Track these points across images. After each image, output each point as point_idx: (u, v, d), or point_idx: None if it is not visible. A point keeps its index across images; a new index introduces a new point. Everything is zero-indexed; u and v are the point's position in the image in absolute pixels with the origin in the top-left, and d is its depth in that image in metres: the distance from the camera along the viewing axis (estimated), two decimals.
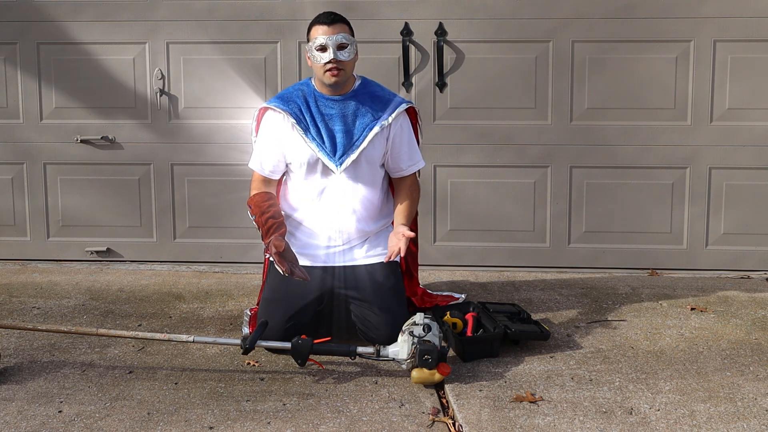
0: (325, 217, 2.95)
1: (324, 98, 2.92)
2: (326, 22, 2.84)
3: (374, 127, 2.90)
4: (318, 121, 2.90)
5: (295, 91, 2.96)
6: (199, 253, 4.17)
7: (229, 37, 4.01)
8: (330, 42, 2.80)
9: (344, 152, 2.89)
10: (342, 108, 2.91)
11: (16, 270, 4.05)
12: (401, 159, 3.01)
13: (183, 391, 2.56)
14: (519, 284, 3.78)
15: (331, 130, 2.90)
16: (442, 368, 2.53)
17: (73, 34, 4.05)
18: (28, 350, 2.90)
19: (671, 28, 3.89)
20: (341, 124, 2.90)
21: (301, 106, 2.91)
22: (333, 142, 2.89)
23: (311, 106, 2.91)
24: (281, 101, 2.93)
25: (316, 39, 2.83)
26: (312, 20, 2.90)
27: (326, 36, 2.81)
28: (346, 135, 2.90)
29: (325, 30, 2.83)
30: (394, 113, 2.94)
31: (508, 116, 3.98)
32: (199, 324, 3.21)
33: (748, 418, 2.35)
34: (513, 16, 3.92)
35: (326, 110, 2.91)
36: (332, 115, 2.91)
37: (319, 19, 2.87)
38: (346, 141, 2.89)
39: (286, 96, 2.95)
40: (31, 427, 2.31)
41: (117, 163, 4.12)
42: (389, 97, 2.98)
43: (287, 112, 2.89)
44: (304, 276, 2.74)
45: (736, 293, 3.60)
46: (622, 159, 3.98)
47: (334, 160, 2.89)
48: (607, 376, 2.65)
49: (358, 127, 2.91)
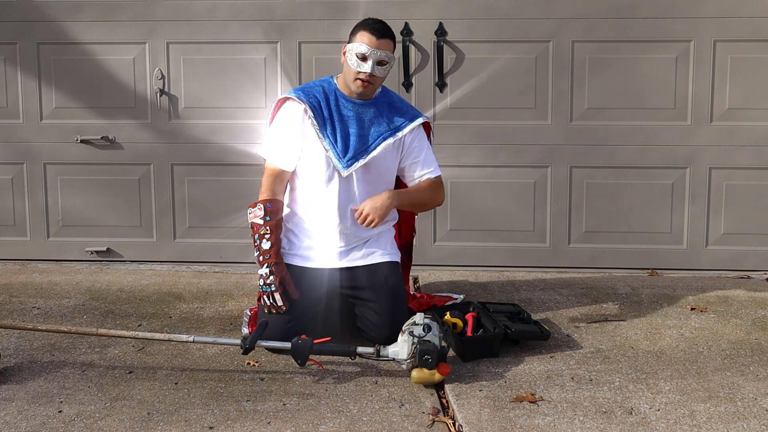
0: (328, 218, 2.95)
1: (345, 99, 2.91)
2: (376, 35, 2.80)
3: (388, 138, 2.92)
4: (335, 120, 2.89)
5: (317, 87, 2.95)
6: (199, 253, 4.17)
7: (229, 37, 4.01)
8: (373, 56, 2.79)
9: (355, 156, 2.88)
10: (360, 112, 2.91)
11: (16, 270, 4.05)
12: (417, 168, 3.01)
13: (183, 391, 2.56)
14: (519, 284, 3.78)
15: (345, 132, 2.89)
16: (442, 368, 2.53)
17: (73, 34, 4.05)
18: (28, 350, 2.90)
19: (671, 28, 3.89)
20: (356, 128, 2.89)
21: (321, 101, 2.90)
22: (345, 143, 2.88)
23: (330, 103, 2.90)
24: (302, 93, 2.91)
25: (360, 45, 2.80)
26: (362, 22, 2.87)
27: (371, 48, 2.79)
28: (360, 139, 2.90)
29: (372, 42, 2.80)
30: (409, 127, 2.95)
31: (508, 116, 3.98)
32: (199, 324, 3.21)
33: (748, 418, 2.35)
34: (513, 16, 3.92)
35: (344, 111, 2.90)
36: (349, 117, 2.90)
37: (370, 27, 2.83)
38: (359, 145, 2.89)
39: (308, 89, 2.94)
40: (31, 427, 2.31)
41: (117, 163, 4.12)
42: (406, 109, 3.00)
43: (307, 105, 2.88)
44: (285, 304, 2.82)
45: (736, 293, 3.60)
46: (622, 159, 3.98)
47: (342, 161, 2.88)
48: (607, 376, 2.65)
49: (372, 133, 2.91)
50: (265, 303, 2.84)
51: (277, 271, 2.82)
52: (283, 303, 2.81)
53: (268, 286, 2.81)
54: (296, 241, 2.99)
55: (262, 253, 2.83)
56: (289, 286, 2.85)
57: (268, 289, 2.81)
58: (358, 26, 2.86)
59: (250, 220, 2.88)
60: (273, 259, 2.82)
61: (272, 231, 2.84)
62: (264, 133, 3.06)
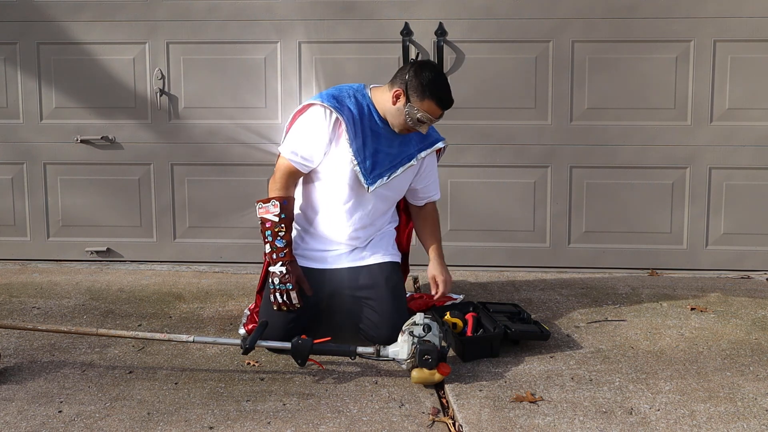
0: (340, 225, 2.95)
1: (378, 116, 2.87)
2: (442, 107, 2.78)
3: (412, 159, 2.94)
4: (367, 135, 2.85)
5: (349, 97, 2.87)
6: (199, 253, 4.17)
7: (229, 37, 4.01)
8: (431, 123, 2.81)
9: (380, 174, 2.88)
10: (391, 131, 2.88)
11: (16, 270, 4.05)
12: (429, 189, 3.11)
13: (183, 391, 2.56)
14: (519, 284, 3.78)
15: (375, 148, 2.87)
16: (442, 368, 2.53)
17: (73, 34, 4.05)
18: (28, 350, 2.90)
19: (671, 28, 3.89)
20: (386, 146, 2.88)
21: (354, 114, 2.83)
22: (373, 159, 2.86)
23: (365, 117, 2.85)
24: (336, 101, 2.83)
25: (424, 113, 2.75)
26: (431, 87, 2.75)
27: (433, 117, 2.79)
28: (388, 157, 2.89)
29: (436, 113, 2.78)
30: (430, 149, 2.98)
31: (508, 116, 3.98)
32: (199, 324, 3.21)
33: (748, 418, 2.35)
34: (513, 16, 3.92)
35: (375, 127, 2.87)
36: (379, 134, 2.87)
37: (438, 98, 2.76)
38: (386, 162, 2.89)
39: (340, 97, 2.85)
40: (31, 427, 2.31)
41: (117, 163, 4.12)
42: (431, 131, 3.00)
43: (341, 115, 2.81)
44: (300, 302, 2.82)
45: (736, 293, 3.60)
46: (622, 159, 3.98)
47: (368, 178, 2.87)
48: (607, 376, 2.65)
49: (399, 153, 2.91)
50: (276, 300, 2.82)
51: (293, 269, 2.82)
52: (299, 301, 2.81)
53: (284, 284, 2.80)
54: (300, 242, 2.99)
55: (276, 251, 2.81)
56: (304, 284, 2.85)
57: (283, 287, 2.80)
58: (428, 92, 2.74)
59: (261, 215, 2.83)
60: (288, 257, 2.82)
61: (287, 229, 2.83)
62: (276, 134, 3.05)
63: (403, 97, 2.77)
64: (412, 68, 2.78)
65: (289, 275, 2.80)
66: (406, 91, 2.76)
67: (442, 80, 2.80)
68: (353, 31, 3.96)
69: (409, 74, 2.76)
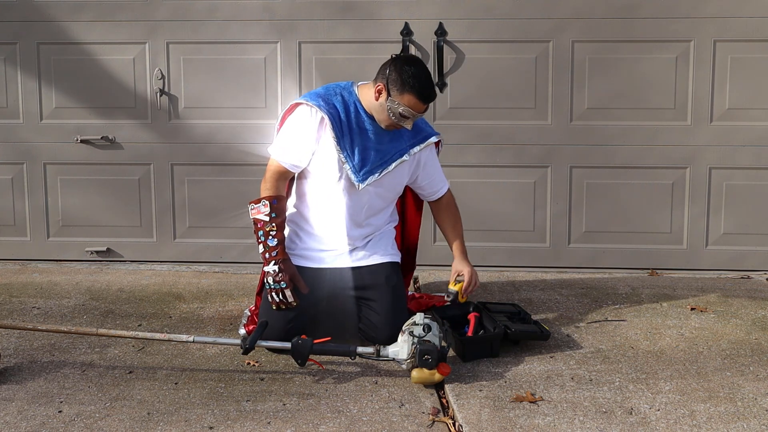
0: (336, 224, 2.95)
1: (365, 114, 2.86)
2: (423, 101, 2.74)
3: (404, 155, 2.92)
4: (354, 133, 2.84)
5: (336, 95, 2.86)
6: (199, 253, 4.17)
7: (229, 37, 4.01)
8: (414, 118, 2.78)
9: (371, 170, 2.87)
10: (379, 127, 2.86)
11: (16, 270, 4.05)
12: (436, 183, 3.09)
13: (183, 391, 2.56)
14: (519, 284, 3.78)
15: (364, 145, 2.86)
16: (442, 368, 2.53)
17: (73, 34, 4.05)
18: (28, 350, 2.90)
19: (671, 28, 3.89)
20: (375, 142, 2.87)
21: (340, 112, 2.83)
22: (362, 157, 2.85)
23: (351, 115, 2.84)
24: (322, 100, 2.83)
25: (405, 107, 2.73)
26: (411, 81, 2.71)
27: (416, 112, 2.76)
28: (378, 153, 2.88)
29: (418, 107, 2.75)
30: (423, 144, 2.96)
31: (508, 116, 3.98)
32: (199, 324, 3.21)
33: (748, 418, 2.35)
34: (513, 16, 3.92)
35: (364, 125, 2.86)
36: (368, 131, 2.86)
37: (418, 91, 2.72)
38: (376, 159, 2.88)
39: (326, 97, 2.85)
40: (31, 427, 2.31)
41: (117, 163, 4.12)
42: (423, 126, 2.99)
43: (326, 114, 2.81)
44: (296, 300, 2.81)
45: (736, 293, 3.60)
46: (622, 159, 3.98)
47: (358, 175, 2.86)
48: (607, 376, 2.65)
49: (390, 149, 2.90)
50: (273, 300, 2.82)
51: (286, 268, 2.82)
52: (294, 299, 2.81)
53: (278, 283, 2.80)
54: (298, 241, 2.99)
55: (268, 250, 2.82)
56: (299, 282, 2.84)
57: (277, 286, 2.80)
58: (407, 86, 2.71)
59: (253, 216, 2.84)
60: (281, 255, 2.82)
61: (279, 228, 2.83)
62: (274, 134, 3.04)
63: (385, 92, 2.76)
64: (393, 63, 2.78)
65: (282, 274, 2.79)
66: (387, 86, 2.75)
67: (422, 74, 2.77)
68: (353, 31, 3.96)
69: (390, 69, 2.76)
